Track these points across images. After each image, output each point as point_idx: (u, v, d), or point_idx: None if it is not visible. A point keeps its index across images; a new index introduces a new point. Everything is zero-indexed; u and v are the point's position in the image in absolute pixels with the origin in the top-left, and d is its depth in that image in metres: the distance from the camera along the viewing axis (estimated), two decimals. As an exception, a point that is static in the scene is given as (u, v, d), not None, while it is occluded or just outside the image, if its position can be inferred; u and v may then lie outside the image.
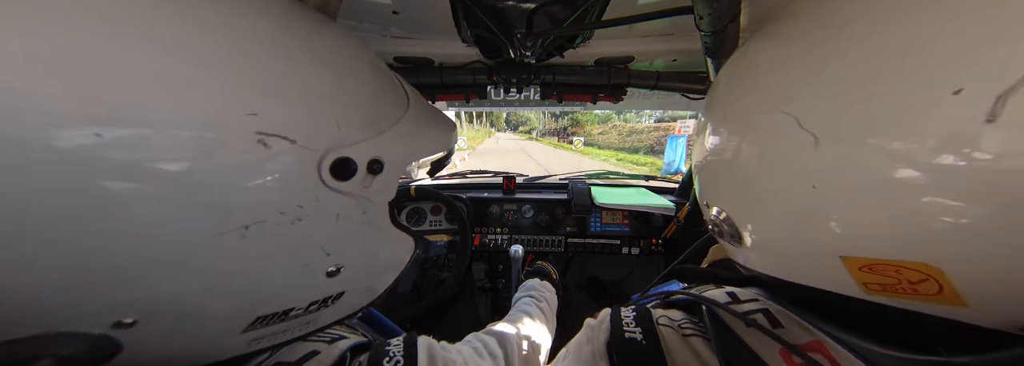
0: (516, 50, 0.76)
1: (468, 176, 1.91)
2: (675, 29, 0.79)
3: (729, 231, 0.40)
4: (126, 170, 0.22)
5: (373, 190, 0.37)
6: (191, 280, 0.27)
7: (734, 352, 0.34)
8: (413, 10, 0.68)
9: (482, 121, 38.46)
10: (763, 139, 0.35)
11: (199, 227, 0.26)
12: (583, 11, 0.66)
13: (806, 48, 0.33)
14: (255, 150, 0.27)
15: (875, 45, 0.26)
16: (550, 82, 1.04)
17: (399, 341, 0.44)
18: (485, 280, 1.66)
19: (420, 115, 0.44)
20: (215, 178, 0.26)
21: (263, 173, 0.28)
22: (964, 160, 0.21)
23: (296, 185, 0.31)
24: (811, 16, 0.34)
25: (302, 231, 0.32)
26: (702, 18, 0.58)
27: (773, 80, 0.35)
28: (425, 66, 0.99)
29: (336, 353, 0.40)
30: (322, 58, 0.35)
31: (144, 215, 0.23)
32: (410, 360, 0.41)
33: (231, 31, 0.29)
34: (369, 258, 0.41)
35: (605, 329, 0.42)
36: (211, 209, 0.26)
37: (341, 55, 0.38)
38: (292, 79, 0.31)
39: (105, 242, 0.23)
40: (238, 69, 0.28)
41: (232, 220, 0.27)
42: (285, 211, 0.30)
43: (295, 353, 0.39)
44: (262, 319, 0.33)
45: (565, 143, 23.86)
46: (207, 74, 0.26)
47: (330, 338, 0.43)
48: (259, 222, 0.28)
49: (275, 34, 0.32)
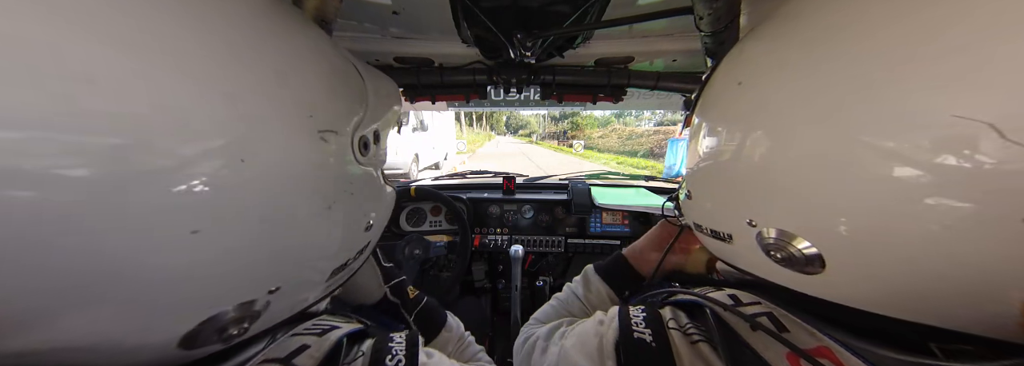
0: (516, 50, 0.77)
1: (468, 176, 1.91)
2: (675, 29, 0.80)
3: (803, 260, 0.33)
4: (294, 181, 0.32)
5: (379, 157, 0.47)
6: (313, 246, 0.37)
7: (739, 356, 0.34)
8: (413, 10, 0.69)
9: (482, 124, 38.54)
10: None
11: (315, 208, 0.35)
12: (583, 11, 0.66)
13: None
14: (321, 145, 0.34)
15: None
16: (550, 82, 1.04)
17: (402, 338, 0.43)
18: (485, 280, 1.66)
19: (373, 79, 0.49)
20: (312, 172, 0.34)
21: (328, 161, 0.36)
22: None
23: (347, 166, 0.39)
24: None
25: (356, 200, 0.41)
26: (702, 18, 0.59)
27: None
28: (425, 66, 0.99)
29: (327, 345, 0.39)
30: (321, 50, 0.40)
31: (303, 212, 0.33)
32: (411, 360, 0.41)
33: (282, 47, 0.34)
34: (384, 210, 0.51)
35: (614, 328, 0.42)
36: (317, 195, 0.35)
37: (323, 43, 0.41)
38: (320, 78, 0.37)
39: (275, 233, 0.31)
40: (302, 85, 0.34)
41: (322, 199, 0.35)
42: (346, 189, 0.39)
43: (284, 349, 0.38)
44: (335, 270, 0.42)
45: (565, 146, 23.89)
46: (288, 90, 0.32)
47: (321, 330, 0.42)
48: (336, 200, 0.37)
49: (297, 36, 0.37)
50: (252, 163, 0.27)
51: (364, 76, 0.46)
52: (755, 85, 0.38)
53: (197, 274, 0.27)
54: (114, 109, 0.21)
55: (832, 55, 0.30)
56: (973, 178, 0.23)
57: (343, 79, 0.41)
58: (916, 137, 0.25)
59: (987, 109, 0.22)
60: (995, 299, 0.26)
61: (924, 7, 0.25)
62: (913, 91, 0.25)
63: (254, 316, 0.33)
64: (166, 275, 0.25)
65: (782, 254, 0.35)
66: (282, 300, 0.35)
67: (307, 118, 0.33)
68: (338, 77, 0.40)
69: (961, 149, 0.23)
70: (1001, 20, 0.22)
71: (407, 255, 1.45)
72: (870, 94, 0.27)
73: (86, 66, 0.20)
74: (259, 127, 0.28)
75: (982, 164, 0.22)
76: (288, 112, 0.31)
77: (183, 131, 0.24)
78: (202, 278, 0.27)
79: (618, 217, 1.54)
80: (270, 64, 0.31)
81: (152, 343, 0.27)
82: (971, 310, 0.27)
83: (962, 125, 0.23)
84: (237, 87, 0.27)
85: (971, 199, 0.23)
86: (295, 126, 0.32)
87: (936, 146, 0.24)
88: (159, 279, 0.25)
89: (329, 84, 0.38)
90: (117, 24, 0.22)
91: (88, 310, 0.23)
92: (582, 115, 25.82)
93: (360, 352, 0.41)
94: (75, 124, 0.20)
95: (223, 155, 0.26)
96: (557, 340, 0.51)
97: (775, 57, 0.37)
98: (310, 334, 0.41)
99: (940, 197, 0.24)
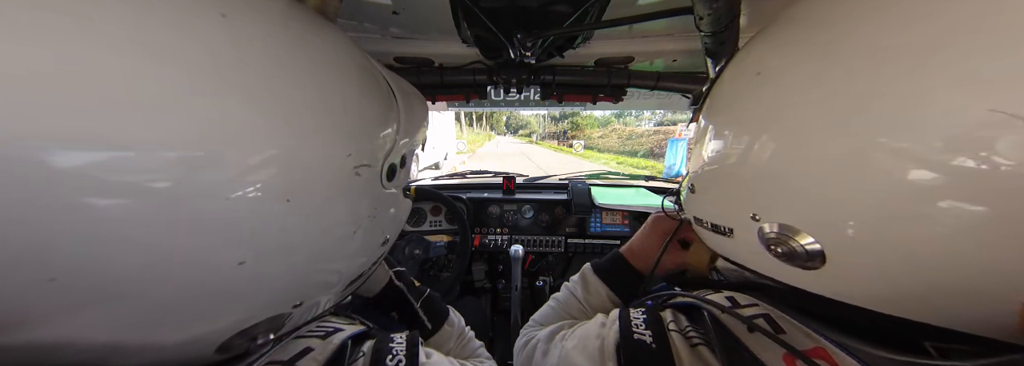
0: (516, 50, 0.77)
1: (468, 176, 1.91)
2: (675, 29, 0.80)
3: (804, 255, 0.33)
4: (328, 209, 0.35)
5: (402, 180, 0.49)
6: (337, 267, 0.41)
7: (737, 358, 0.34)
8: (413, 10, 0.69)
9: (482, 124, 38.53)
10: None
11: (343, 235, 0.39)
12: (583, 11, 0.66)
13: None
14: (355, 180, 0.37)
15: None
16: (550, 82, 1.04)
17: (402, 339, 0.44)
18: (485, 280, 1.66)
19: (405, 98, 0.50)
20: (344, 206, 0.37)
21: (361, 193, 0.39)
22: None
23: (374, 193, 0.42)
24: None
25: (378, 222, 0.44)
26: (702, 19, 0.59)
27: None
28: (425, 66, 0.99)
29: (331, 349, 0.40)
30: (369, 88, 0.42)
31: (336, 233, 0.38)
32: (411, 360, 0.41)
33: (349, 104, 0.37)
34: (400, 225, 0.55)
35: (615, 330, 0.42)
36: (346, 225, 0.38)
37: (358, 70, 0.42)
38: (363, 116, 0.39)
39: (308, 259, 0.35)
40: (349, 130, 0.37)
41: (349, 227, 0.39)
42: (370, 214, 0.42)
43: (288, 351, 0.38)
44: (350, 282, 0.46)
45: (565, 146, 23.89)
46: (339, 137, 0.35)
47: (324, 333, 0.42)
48: (360, 225, 0.40)
49: (353, 81, 0.39)
50: (296, 203, 0.30)
51: (399, 100, 0.48)
52: (774, 78, 0.37)
53: (249, 288, 0.30)
54: (187, 154, 0.23)
55: (855, 51, 0.30)
56: (988, 179, 0.23)
57: (383, 110, 0.44)
58: (931, 139, 0.25)
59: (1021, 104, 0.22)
60: (996, 300, 0.26)
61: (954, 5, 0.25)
62: (936, 89, 0.25)
63: (279, 327, 0.36)
64: (217, 297, 0.29)
65: (783, 249, 0.35)
66: (304, 311, 0.38)
67: (346, 157, 0.36)
68: (380, 110, 0.43)
69: (979, 151, 0.23)
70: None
71: (407, 255, 1.45)
72: (885, 96, 0.27)
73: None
74: (307, 172, 0.31)
75: (998, 165, 0.22)
76: (334, 155, 0.34)
77: (245, 176, 0.27)
78: (247, 295, 0.31)
79: (618, 217, 1.54)
80: (329, 118, 0.34)
81: (194, 348, 0.31)
82: (970, 310, 0.27)
83: (989, 123, 0.22)
84: (298, 139, 0.30)
85: (984, 201, 0.23)
86: (336, 166, 0.35)
87: (952, 147, 0.24)
88: (214, 299, 0.29)
89: (371, 120, 0.41)
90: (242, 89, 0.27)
91: (140, 306, 0.25)
92: (582, 115, 25.84)
93: (361, 353, 0.41)
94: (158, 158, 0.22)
95: (274, 195, 0.29)
96: (558, 342, 0.51)
97: (798, 49, 0.36)
98: (313, 337, 0.41)
99: (953, 200, 0.24)
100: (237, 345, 0.33)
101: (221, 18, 0.26)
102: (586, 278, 0.69)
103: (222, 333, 0.31)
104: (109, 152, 0.20)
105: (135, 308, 0.25)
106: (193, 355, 0.32)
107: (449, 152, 11.04)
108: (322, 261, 0.37)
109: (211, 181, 0.24)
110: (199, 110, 0.24)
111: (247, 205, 0.27)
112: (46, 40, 0.19)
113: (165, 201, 0.23)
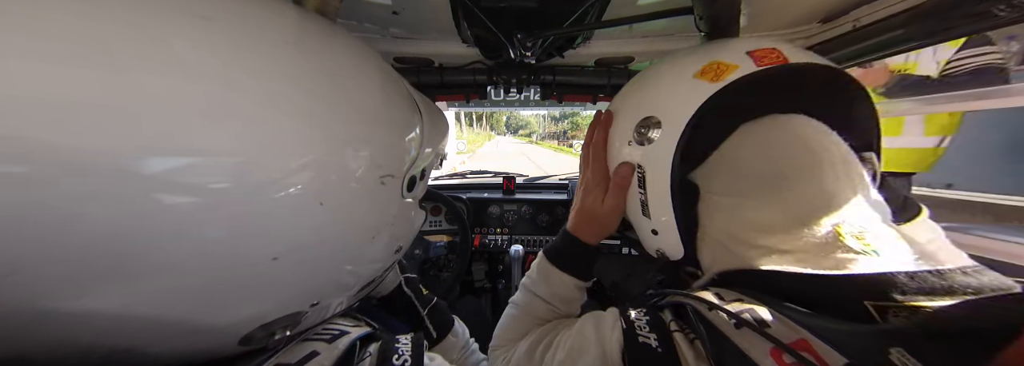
0: (516, 50, 0.77)
1: (468, 176, 1.91)
2: (675, 29, 0.80)
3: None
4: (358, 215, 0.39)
5: (420, 192, 0.51)
6: (355, 269, 0.44)
7: (726, 354, 0.34)
8: (413, 10, 0.69)
9: (482, 124, 38.52)
10: None
11: (364, 239, 0.41)
12: (583, 11, 0.66)
13: None
14: (380, 189, 0.40)
15: None
16: (550, 82, 1.04)
17: (407, 340, 0.44)
18: (485, 280, 1.66)
19: (429, 114, 0.52)
20: (367, 214, 0.40)
21: (384, 201, 0.42)
22: None
23: (395, 202, 0.45)
24: None
25: (395, 230, 0.46)
26: (702, 19, 0.59)
27: None
28: (425, 66, 0.99)
29: (336, 354, 0.39)
30: (400, 104, 0.45)
31: (354, 237, 0.40)
32: (417, 360, 0.41)
33: (380, 116, 0.41)
34: (413, 234, 0.56)
35: (618, 337, 0.41)
36: (368, 230, 0.41)
37: (400, 91, 0.46)
38: (391, 129, 0.42)
39: (331, 261, 0.39)
40: (383, 141, 0.41)
41: (370, 232, 0.41)
42: (390, 221, 0.44)
43: (295, 355, 0.38)
44: (363, 287, 0.48)
45: (565, 146, 23.89)
46: (370, 146, 0.38)
47: (330, 336, 0.42)
48: (379, 232, 0.43)
49: (392, 100, 0.43)
50: (328, 206, 0.33)
51: (424, 115, 0.50)
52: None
53: (277, 283, 0.34)
54: (238, 167, 0.28)
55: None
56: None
57: (409, 125, 0.46)
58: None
59: None
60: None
61: None
62: None
63: (295, 324, 0.38)
64: (250, 289, 0.32)
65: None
66: (318, 311, 0.41)
67: (376, 167, 0.38)
68: (407, 125, 0.45)
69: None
70: None
71: (407, 255, 1.45)
72: None
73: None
74: (341, 178, 0.35)
75: None
76: (365, 164, 0.37)
77: (287, 178, 0.30)
78: (274, 289, 0.34)
79: (618, 217, 1.54)
80: (362, 128, 0.37)
81: (220, 338, 0.34)
82: None
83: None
84: (335, 147, 0.34)
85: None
86: (365, 174, 0.37)
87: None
88: (247, 290, 0.32)
89: (399, 133, 0.44)
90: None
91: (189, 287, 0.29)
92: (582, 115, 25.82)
93: (368, 354, 0.42)
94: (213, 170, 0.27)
95: (310, 198, 0.32)
96: (543, 358, 0.49)
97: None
98: (320, 340, 0.41)
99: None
100: (258, 339, 0.35)
101: (286, 45, 0.32)
102: (545, 271, 0.62)
103: (247, 324, 0.34)
104: (184, 159, 0.25)
105: (180, 286, 0.28)
106: (218, 345, 0.34)
107: (449, 152, 11.04)
108: (344, 262, 0.40)
109: (260, 182, 0.28)
110: (263, 126, 0.29)
111: (288, 203, 0.30)
112: (165, 71, 0.24)
113: (221, 199, 0.27)
